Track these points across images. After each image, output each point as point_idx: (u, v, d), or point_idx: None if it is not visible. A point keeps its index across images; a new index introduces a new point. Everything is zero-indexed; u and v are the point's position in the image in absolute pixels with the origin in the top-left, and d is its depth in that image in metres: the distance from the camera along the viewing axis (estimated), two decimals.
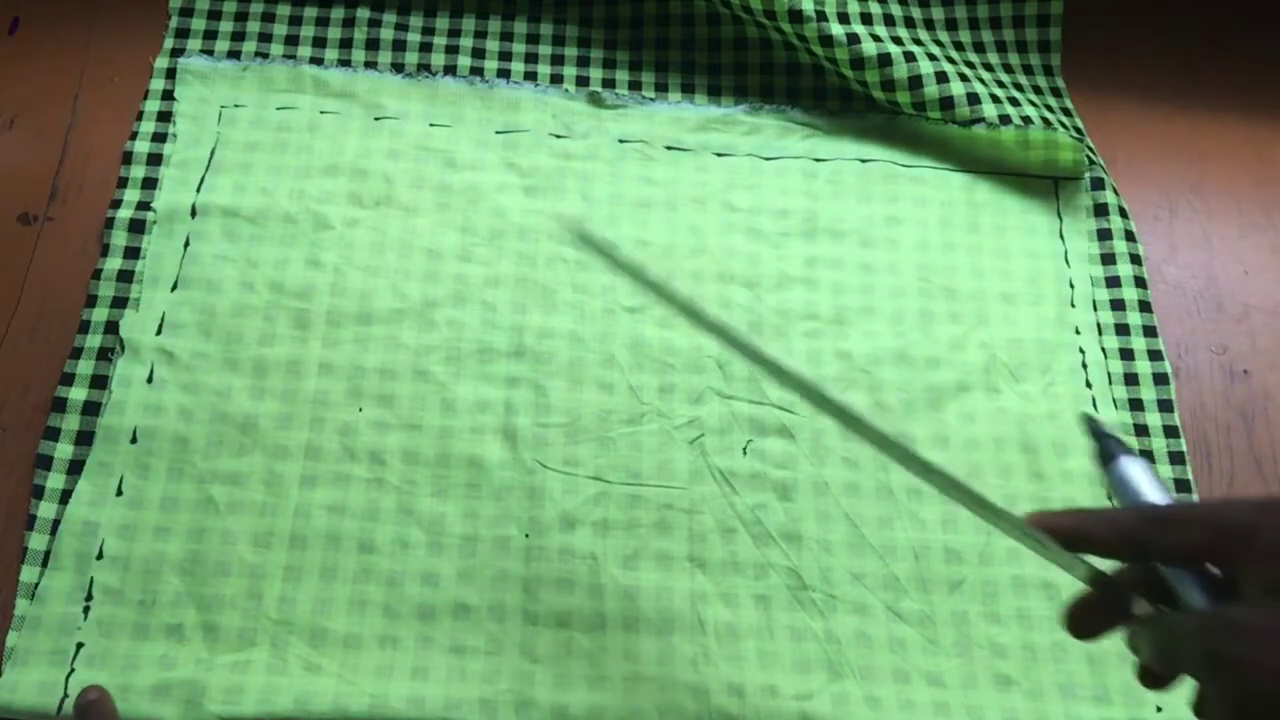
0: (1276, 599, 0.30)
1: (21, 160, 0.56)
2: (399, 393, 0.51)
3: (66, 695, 0.43)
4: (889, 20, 0.62)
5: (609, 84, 0.61)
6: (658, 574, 0.48)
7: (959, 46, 0.63)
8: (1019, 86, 0.62)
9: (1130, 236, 0.58)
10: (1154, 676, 0.34)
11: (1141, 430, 0.53)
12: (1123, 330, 0.55)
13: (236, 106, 0.58)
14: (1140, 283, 0.57)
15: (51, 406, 0.49)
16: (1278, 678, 0.28)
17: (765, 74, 0.62)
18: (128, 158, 0.56)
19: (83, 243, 0.54)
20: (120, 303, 0.52)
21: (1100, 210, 0.59)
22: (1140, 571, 0.34)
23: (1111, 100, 0.63)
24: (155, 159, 0.56)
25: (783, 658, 0.47)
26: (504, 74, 0.60)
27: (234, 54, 0.59)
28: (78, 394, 0.49)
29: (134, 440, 0.49)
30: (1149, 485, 0.36)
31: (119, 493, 0.48)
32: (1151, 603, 0.34)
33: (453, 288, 0.54)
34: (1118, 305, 0.56)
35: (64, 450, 0.48)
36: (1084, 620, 0.36)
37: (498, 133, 0.58)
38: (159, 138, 0.56)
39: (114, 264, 0.53)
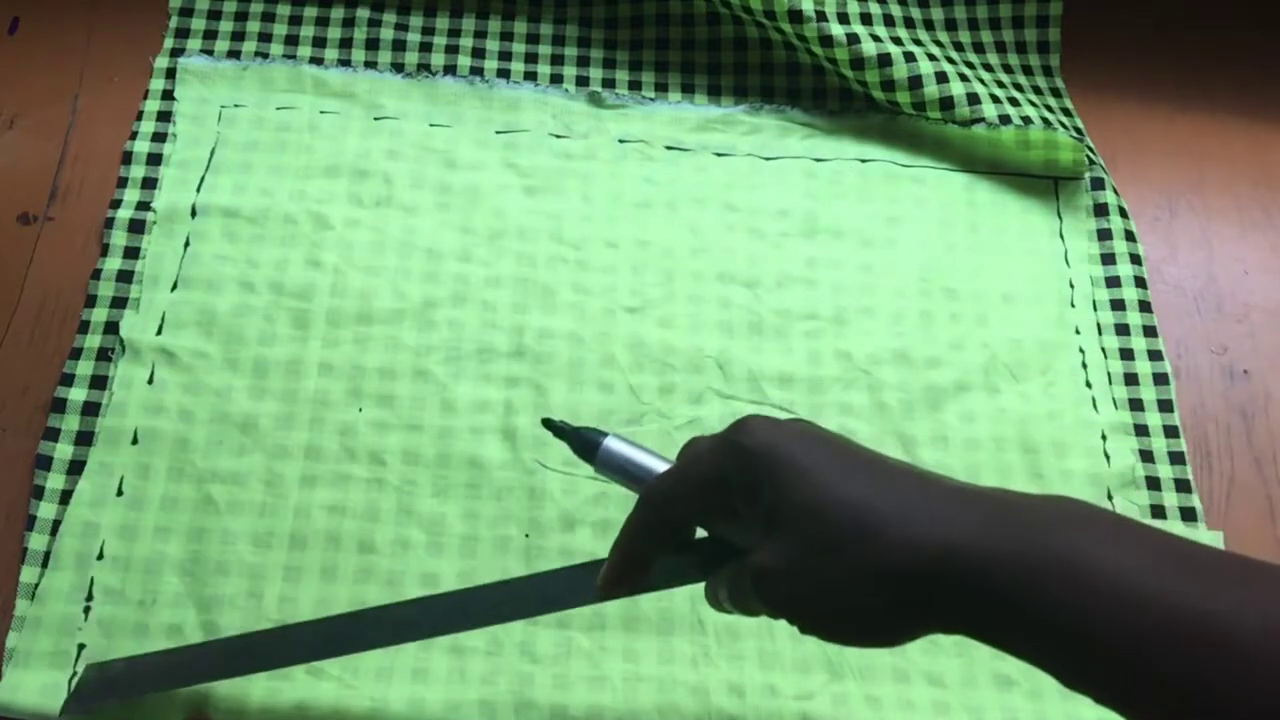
0: (771, 535, 0.32)
1: (21, 160, 0.56)
2: (399, 393, 0.51)
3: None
4: (889, 20, 0.62)
5: (609, 84, 0.61)
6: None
7: (959, 47, 0.63)
8: (1019, 87, 0.62)
9: (1130, 236, 0.58)
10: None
11: (1141, 430, 0.53)
12: (1123, 330, 0.55)
13: (236, 106, 0.58)
14: (1140, 283, 0.57)
15: (51, 407, 0.49)
16: (808, 605, 0.31)
17: (765, 74, 0.62)
18: (128, 158, 0.56)
19: (83, 243, 0.54)
20: (120, 303, 0.52)
21: (1100, 210, 0.59)
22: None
23: (1111, 100, 0.63)
24: (155, 159, 0.56)
25: (783, 658, 0.47)
26: (504, 74, 0.60)
27: (234, 54, 0.59)
28: (78, 394, 0.49)
29: (135, 441, 0.49)
30: (638, 458, 0.36)
31: (119, 493, 0.47)
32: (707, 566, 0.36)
33: (453, 288, 0.54)
34: (1118, 305, 0.56)
35: (64, 450, 0.48)
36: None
37: (498, 133, 0.58)
38: (159, 138, 0.56)
39: (114, 264, 0.53)
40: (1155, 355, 0.55)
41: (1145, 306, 0.56)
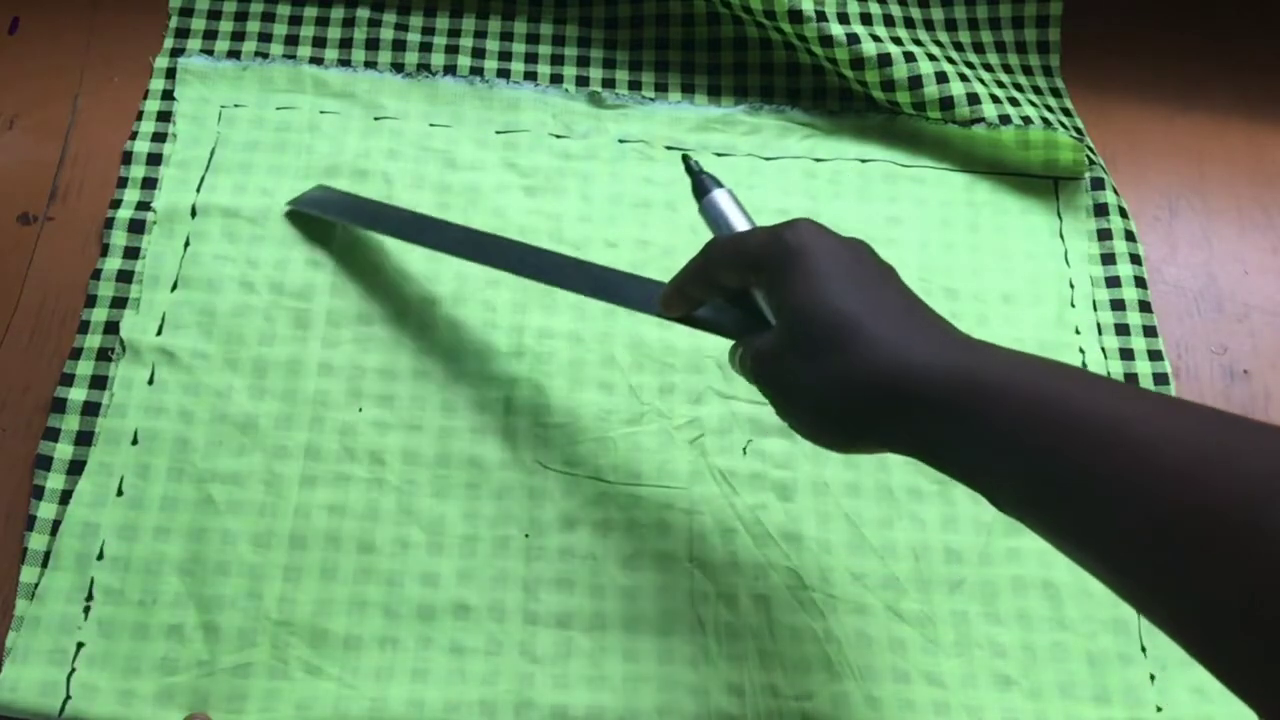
0: (779, 318, 0.36)
1: (21, 160, 0.56)
2: (399, 393, 0.51)
3: (69, 696, 0.43)
4: (889, 20, 0.62)
5: (609, 84, 0.61)
6: (658, 574, 0.48)
7: (959, 47, 0.63)
8: (1019, 87, 0.62)
9: (1130, 236, 0.58)
10: None
11: None
12: (1123, 330, 0.56)
13: (236, 106, 0.58)
14: (1140, 283, 0.57)
15: (51, 407, 0.49)
16: (782, 392, 0.36)
17: (765, 74, 0.62)
18: (128, 158, 0.56)
19: (83, 243, 0.54)
20: (120, 303, 0.52)
21: (1100, 210, 0.59)
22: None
23: (1111, 100, 0.63)
24: (155, 159, 0.56)
25: (783, 658, 0.47)
26: (504, 74, 0.60)
27: (234, 54, 0.59)
28: (77, 394, 0.49)
29: (135, 441, 0.49)
30: (733, 214, 0.41)
31: (119, 493, 0.48)
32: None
33: (453, 287, 0.54)
34: (1118, 305, 0.56)
35: (64, 451, 0.48)
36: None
37: (498, 133, 0.58)
38: (159, 138, 0.56)
39: (114, 264, 0.53)
40: (1155, 355, 0.55)
41: (1145, 306, 0.56)
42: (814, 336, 0.34)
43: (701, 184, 0.42)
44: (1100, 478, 0.28)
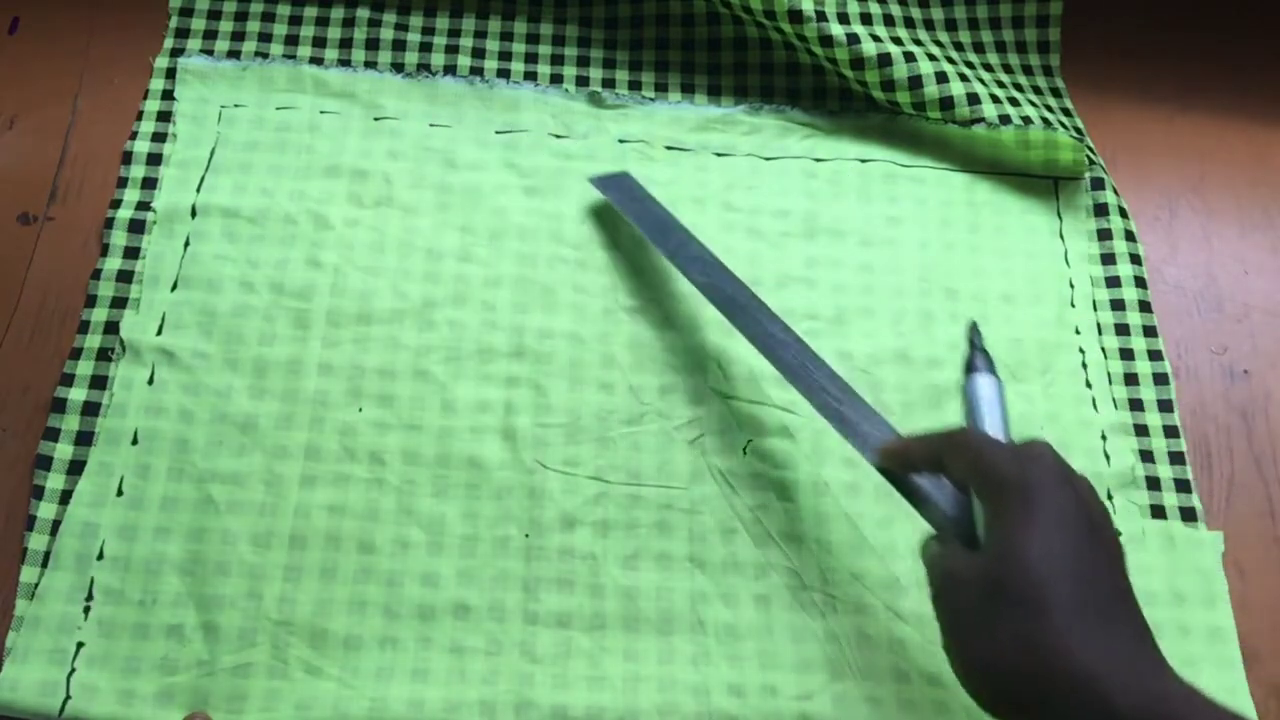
0: (987, 549, 0.35)
1: (21, 160, 0.56)
2: (399, 393, 0.51)
3: (69, 696, 0.43)
4: (889, 20, 0.62)
5: (609, 84, 0.61)
6: (658, 574, 0.48)
7: (959, 47, 0.63)
8: (1019, 86, 0.62)
9: (1130, 236, 0.58)
10: None
11: (1141, 430, 0.53)
12: (1123, 330, 0.56)
13: (236, 106, 0.58)
14: (1140, 283, 0.57)
15: (51, 407, 0.49)
16: (952, 618, 0.35)
17: (765, 74, 0.62)
18: (128, 158, 0.56)
19: (83, 243, 0.54)
20: (120, 303, 0.52)
21: (1100, 210, 0.59)
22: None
23: (1111, 100, 0.63)
24: (155, 159, 0.56)
25: (783, 658, 0.47)
26: (504, 74, 0.60)
27: (234, 54, 0.59)
28: (78, 394, 0.49)
29: (135, 441, 0.49)
30: (988, 405, 0.41)
31: (119, 493, 0.48)
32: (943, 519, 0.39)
33: (453, 288, 0.54)
34: (1118, 305, 0.56)
35: (64, 451, 0.48)
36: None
37: (498, 133, 0.58)
38: (159, 138, 0.56)
39: (114, 264, 0.53)
40: (1155, 355, 0.55)
41: (1145, 306, 0.56)
42: (1012, 588, 0.33)
43: (973, 361, 0.42)
44: None
